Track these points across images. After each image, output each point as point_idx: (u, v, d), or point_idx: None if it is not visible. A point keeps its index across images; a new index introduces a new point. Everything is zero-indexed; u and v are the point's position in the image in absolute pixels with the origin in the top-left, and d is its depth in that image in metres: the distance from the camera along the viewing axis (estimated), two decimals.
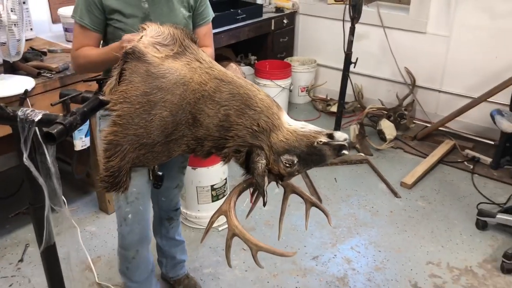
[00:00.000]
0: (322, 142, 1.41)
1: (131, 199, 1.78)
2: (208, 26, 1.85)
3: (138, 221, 1.83)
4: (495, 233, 2.60)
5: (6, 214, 2.64)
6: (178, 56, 1.37)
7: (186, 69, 1.35)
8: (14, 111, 1.30)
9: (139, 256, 1.92)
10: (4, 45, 2.05)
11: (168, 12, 1.72)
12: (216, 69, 1.41)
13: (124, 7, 1.66)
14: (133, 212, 1.81)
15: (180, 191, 2.14)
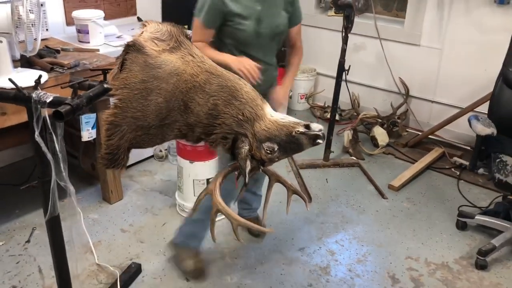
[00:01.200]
0: (299, 132, 1.59)
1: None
2: (299, 26, 2.29)
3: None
4: (473, 234, 2.75)
5: (16, 200, 2.87)
6: (173, 50, 1.55)
7: (180, 61, 1.54)
8: (29, 93, 1.49)
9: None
10: (23, 43, 2.26)
11: (275, 14, 2.11)
12: (207, 63, 1.60)
13: (243, 10, 2.02)
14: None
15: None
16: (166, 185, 3.15)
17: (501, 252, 2.56)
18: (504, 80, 2.59)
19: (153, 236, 2.65)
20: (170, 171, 3.30)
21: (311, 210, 2.93)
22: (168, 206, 2.93)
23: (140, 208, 2.91)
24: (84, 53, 2.75)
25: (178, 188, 2.84)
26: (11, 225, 2.71)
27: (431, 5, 3.63)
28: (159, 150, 3.43)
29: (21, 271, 2.37)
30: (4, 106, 2.19)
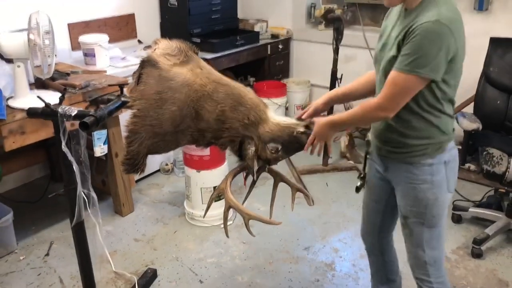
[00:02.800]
0: (300, 132, 1.77)
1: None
2: (397, 73, 1.50)
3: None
4: (468, 226, 2.90)
5: (32, 217, 3.01)
6: (183, 64, 1.73)
7: (190, 74, 1.72)
8: (55, 108, 1.66)
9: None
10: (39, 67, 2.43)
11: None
12: (214, 74, 1.78)
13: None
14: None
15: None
16: (174, 196, 3.30)
17: (495, 240, 2.71)
18: (486, 79, 2.78)
19: (165, 244, 2.79)
20: (176, 183, 3.46)
21: (314, 211, 3.08)
22: (177, 216, 3.07)
23: (151, 219, 3.05)
24: (92, 75, 2.93)
25: (186, 197, 2.99)
26: (29, 240, 2.84)
27: None
28: (165, 164, 3.59)
29: (43, 282, 2.50)
30: (24, 125, 2.35)
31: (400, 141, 1.65)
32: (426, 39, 1.43)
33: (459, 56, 1.52)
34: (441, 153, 1.63)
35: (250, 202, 3.12)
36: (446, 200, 1.69)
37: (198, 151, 2.75)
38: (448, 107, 1.60)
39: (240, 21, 4.56)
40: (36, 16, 2.30)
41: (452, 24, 1.44)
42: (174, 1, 3.94)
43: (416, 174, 1.66)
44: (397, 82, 1.49)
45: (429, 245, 1.74)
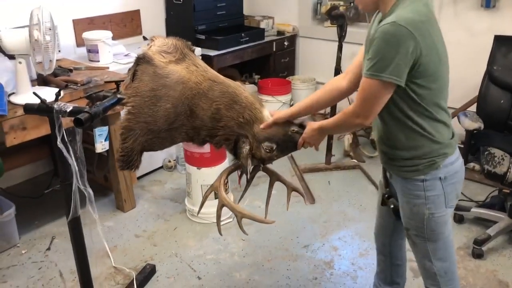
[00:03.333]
0: (294, 131, 1.76)
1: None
2: (364, 79, 1.48)
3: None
4: (470, 226, 2.87)
5: (35, 212, 3.04)
6: (179, 61, 1.73)
7: (185, 71, 1.72)
8: (51, 104, 1.67)
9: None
10: (40, 63, 2.45)
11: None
12: (209, 72, 1.77)
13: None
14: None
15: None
16: (176, 193, 3.32)
17: (496, 241, 2.68)
18: (490, 77, 2.75)
19: (165, 240, 2.81)
20: (179, 180, 3.47)
21: (315, 210, 3.07)
22: (178, 212, 3.08)
23: (152, 215, 3.07)
24: (95, 71, 2.94)
25: (187, 194, 3.00)
26: (31, 235, 2.87)
27: None
28: (168, 161, 3.61)
29: (44, 275, 2.53)
30: (25, 121, 2.37)
31: (391, 153, 1.63)
32: (383, 42, 1.39)
33: (430, 58, 1.43)
34: (435, 169, 1.56)
35: (250, 200, 3.14)
36: (446, 215, 1.63)
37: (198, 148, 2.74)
38: (436, 112, 1.52)
39: (246, 18, 4.55)
40: (38, 12, 2.32)
41: (412, 25, 1.38)
42: None
43: (410, 189, 1.62)
44: (364, 87, 1.47)
45: (435, 256, 1.69)
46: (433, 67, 1.46)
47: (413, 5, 1.43)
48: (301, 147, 1.74)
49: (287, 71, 4.62)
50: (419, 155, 1.56)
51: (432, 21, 1.46)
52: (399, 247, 2.00)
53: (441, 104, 1.54)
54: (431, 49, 1.44)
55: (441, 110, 1.55)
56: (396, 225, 1.89)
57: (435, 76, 1.48)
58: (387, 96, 1.46)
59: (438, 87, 1.51)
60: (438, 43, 1.48)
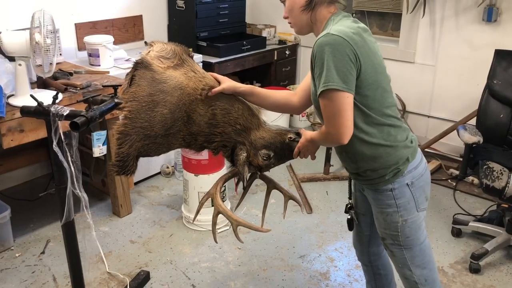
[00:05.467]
0: (292, 139, 1.75)
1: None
2: (322, 101, 1.49)
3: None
4: (468, 240, 2.85)
5: (31, 214, 3.02)
6: (177, 67, 1.73)
7: (184, 77, 1.71)
8: (48, 107, 1.66)
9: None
10: (40, 66, 2.45)
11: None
12: (207, 78, 1.77)
13: None
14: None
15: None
16: (173, 199, 3.30)
17: (494, 256, 2.66)
18: (490, 92, 2.74)
19: (160, 247, 2.79)
20: (176, 186, 3.45)
21: (312, 220, 3.05)
22: (175, 219, 3.07)
23: (148, 221, 3.05)
24: (95, 75, 2.94)
25: (184, 200, 2.99)
26: (26, 238, 2.85)
27: (423, 24, 3.81)
28: (166, 167, 3.59)
29: (37, 280, 2.51)
30: (23, 123, 2.36)
31: (356, 168, 1.65)
32: (322, 54, 1.43)
33: (366, 67, 1.47)
34: (401, 176, 1.60)
35: (248, 208, 3.13)
36: (418, 219, 1.66)
37: (196, 155, 2.74)
38: (385, 119, 1.55)
39: (248, 26, 4.56)
40: (39, 15, 2.32)
41: (345, 34, 1.43)
42: (182, 4, 3.95)
43: (381, 199, 1.65)
44: (325, 106, 1.48)
45: (414, 264, 1.71)
46: (372, 76, 1.50)
47: (341, 21, 1.51)
48: (297, 156, 1.73)
49: (288, 80, 4.62)
50: (381, 165, 1.59)
51: (363, 35, 1.50)
52: (378, 256, 2.01)
53: (388, 112, 1.57)
54: (367, 58, 1.48)
55: (390, 117, 1.58)
56: (372, 233, 1.92)
57: (375, 85, 1.52)
58: (348, 105, 1.45)
59: (380, 95, 1.54)
60: (372, 53, 1.51)
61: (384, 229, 1.70)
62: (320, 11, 1.57)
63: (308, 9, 1.57)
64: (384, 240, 1.74)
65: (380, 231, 1.73)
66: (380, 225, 1.72)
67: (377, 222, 1.73)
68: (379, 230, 1.75)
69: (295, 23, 1.64)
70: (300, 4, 1.57)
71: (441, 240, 2.86)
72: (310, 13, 1.58)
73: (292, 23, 1.64)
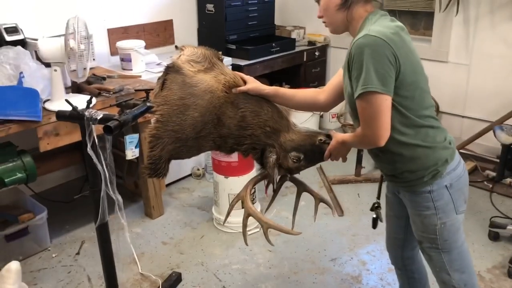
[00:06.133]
0: (322, 141, 1.74)
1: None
2: (359, 102, 1.48)
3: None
4: (506, 244, 2.76)
5: (66, 216, 3.10)
6: (207, 71, 1.74)
7: (214, 80, 1.72)
8: (82, 111, 1.70)
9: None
10: (74, 71, 2.51)
11: (345, 77, 1.61)
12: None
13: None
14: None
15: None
16: (204, 201, 3.33)
17: None
18: None
19: (192, 248, 2.81)
20: (207, 188, 3.48)
21: (343, 222, 3.02)
22: (205, 220, 3.09)
23: (179, 223, 3.08)
24: (127, 79, 3.00)
25: (214, 202, 3.01)
26: (62, 239, 2.93)
27: (457, 22, 3.72)
28: (196, 169, 3.63)
29: (72, 279, 2.57)
30: (58, 127, 2.43)
31: (393, 170, 1.64)
32: (361, 55, 1.42)
33: (406, 67, 1.45)
34: (439, 178, 1.57)
35: (278, 211, 3.12)
36: (456, 222, 1.63)
37: (226, 157, 2.75)
38: (423, 120, 1.54)
39: (277, 28, 4.56)
40: (74, 22, 2.38)
41: (384, 35, 1.41)
42: (212, 7, 3.98)
43: (419, 202, 1.62)
44: (363, 108, 1.47)
45: (452, 268, 1.67)
46: (411, 76, 1.48)
47: (379, 21, 1.50)
48: (327, 158, 1.72)
49: (318, 81, 4.59)
50: (420, 166, 1.57)
51: (401, 34, 1.48)
52: (412, 260, 1.98)
53: (426, 113, 1.56)
54: (406, 58, 1.46)
55: (428, 117, 1.56)
56: (407, 236, 1.89)
57: (415, 86, 1.50)
58: (386, 107, 1.45)
59: (419, 96, 1.53)
60: (411, 53, 1.50)
61: (421, 232, 1.67)
62: (357, 9, 1.55)
63: (344, 7, 1.55)
64: (421, 243, 1.71)
65: (417, 234, 1.70)
66: (417, 228, 1.69)
67: (414, 225, 1.70)
68: (416, 233, 1.72)
69: (330, 22, 1.62)
70: (335, 3, 1.56)
71: (478, 243, 2.78)
72: (346, 12, 1.56)
73: (327, 22, 1.63)
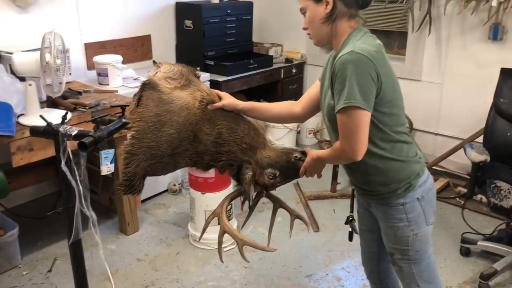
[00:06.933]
0: (297, 158, 1.76)
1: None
2: (339, 116, 1.51)
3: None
4: (477, 260, 2.82)
5: (39, 232, 3.03)
6: (184, 87, 1.75)
7: (190, 97, 1.73)
8: (57, 127, 1.69)
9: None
10: (49, 86, 2.49)
11: (325, 91, 1.66)
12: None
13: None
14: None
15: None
16: (180, 217, 3.31)
17: (503, 276, 2.63)
18: (496, 110, 2.74)
19: (167, 265, 2.78)
20: (183, 204, 3.46)
21: (319, 238, 3.04)
22: (181, 237, 3.07)
23: (155, 239, 3.05)
24: (104, 94, 2.98)
25: (190, 219, 2.99)
26: (34, 256, 2.86)
27: (429, 42, 3.83)
28: (173, 184, 3.61)
29: None
30: (32, 142, 2.39)
31: (367, 183, 1.68)
32: (345, 71, 1.46)
33: (387, 85, 1.51)
34: (412, 191, 1.63)
35: (254, 227, 3.12)
36: (427, 233, 1.70)
37: (203, 173, 2.76)
38: (398, 136, 1.61)
39: (255, 45, 4.61)
40: (50, 36, 2.36)
41: (368, 53, 1.47)
42: (190, 23, 4.01)
43: (392, 214, 1.67)
44: (343, 122, 1.51)
45: (421, 279, 1.73)
46: (391, 94, 1.55)
47: (363, 38, 1.55)
48: (303, 175, 1.74)
49: (295, 97, 4.54)
50: (394, 179, 1.63)
51: (383, 52, 1.55)
52: (388, 273, 2.01)
53: (401, 129, 1.63)
54: (387, 76, 1.52)
55: (402, 133, 1.63)
56: (381, 250, 1.92)
57: (393, 103, 1.57)
58: (366, 123, 1.50)
59: (397, 113, 1.60)
60: (391, 71, 1.57)
61: (393, 244, 1.72)
62: (341, 24, 1.59)
63: (329, 21, 1.59)
64: (393, 255, 1.75)
65: (389, 246, 1.74)
66: (389, 240, 1.73)
67: (386, 237, 1.74)
68: (387, 245, 1.75)
69: (314, 35, 1.66)
70: (321, 16, 1.59)
71: (450, 259, 2.83)
72: (330, 25, 1.60)
73: (312, 34, 1.66)
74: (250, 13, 4.34)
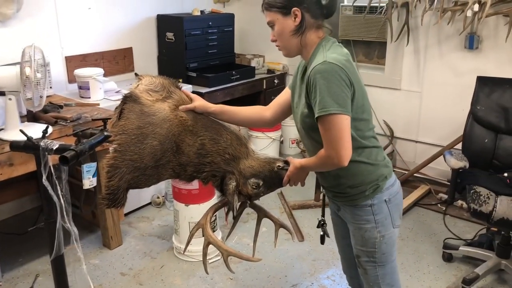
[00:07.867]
0: (280, 167, 1.77)
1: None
2: (320, 124, 1.54)
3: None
4: (459, 265, 2.86)
5: (20, 248, 2.98)
6: (165, 99, 1.76)
7: (172, 109, 1.73)
8: (38, 141, 1.67)
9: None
10: (30, 100, 2.47)
11: (300, 101, 1.70)
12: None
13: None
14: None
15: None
16: (164, 230, 3.28)
17: (485, 280, 2.67)
18: (474, 117, 2.80)
19: (151, 279, 2.76)
20: (167, 217, 3.44)
21: (303, 248, 3.05)
22: (165, 250, 3.05)
23: (139, 253, 3.02)
24: (85, 107, 2.96)
25: (175, 231, 2.97)
26: (15, 273, 2.81)
27: (408, 52, 3.90)
28: (156, 197, 3.59)
29: None
30: (12, 157, 2.36)
31: (336, 185, 1.73)
32: (320, 80, 1.50)
33: (358, 92, 1.57)
34: (379, 193, 1.69)
35: (239, 237, 3.12)
36: (393, 235, 1.75)
37: (186, 184, 2.75)
38: (368, 141, 1.67)
39: (237, 56, 4.64)
40: (30, 50, 2.35)
41: (339, 62, 1.52)
42: (172, 36, 4.02)
43: (360, 215, 1.72)
44: (325, 130, 1.54)
45: (384, 282, 1.79)
46: (361, 99, 1.61)
47: (333, 48, 1.60)
48: (286, 184, 1.76)
49: None
50: (362, 182, 1.67)
51: (351, 61, 1.61)
52: None
53: (371, 134, 1.70)
54: (357, 83, 1.58)
55: (372, 138, 1.70)
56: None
57: (363, 109, 1.63)
58: (347, 126, 1.53)
59: (367, 118, 1.66)
60: (359, 78, 1.62)
61: (360, 246, 1.77)
62: (310, 35, 1.64)
63: (298, 33, 1.63)
64: (359, 257, 1.80)
65: (356, 248, 1.79)
66: (357, 242, 1.77)
67: (354, 239, 1.79)
68: (354, 248, 1.80)
69: (284, 47, 1.69)
70: (290, 29, 1.63)
71: (433, 265, 2.86)
72: (300, 37, 1.64)
73: (281, 46, 1.69)
74: (231, 24, 4.37)
